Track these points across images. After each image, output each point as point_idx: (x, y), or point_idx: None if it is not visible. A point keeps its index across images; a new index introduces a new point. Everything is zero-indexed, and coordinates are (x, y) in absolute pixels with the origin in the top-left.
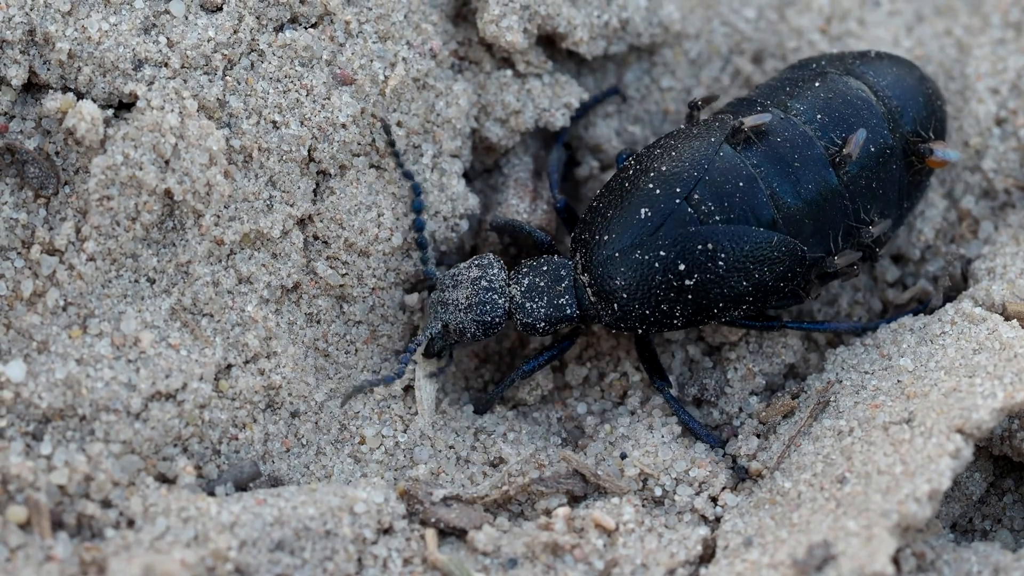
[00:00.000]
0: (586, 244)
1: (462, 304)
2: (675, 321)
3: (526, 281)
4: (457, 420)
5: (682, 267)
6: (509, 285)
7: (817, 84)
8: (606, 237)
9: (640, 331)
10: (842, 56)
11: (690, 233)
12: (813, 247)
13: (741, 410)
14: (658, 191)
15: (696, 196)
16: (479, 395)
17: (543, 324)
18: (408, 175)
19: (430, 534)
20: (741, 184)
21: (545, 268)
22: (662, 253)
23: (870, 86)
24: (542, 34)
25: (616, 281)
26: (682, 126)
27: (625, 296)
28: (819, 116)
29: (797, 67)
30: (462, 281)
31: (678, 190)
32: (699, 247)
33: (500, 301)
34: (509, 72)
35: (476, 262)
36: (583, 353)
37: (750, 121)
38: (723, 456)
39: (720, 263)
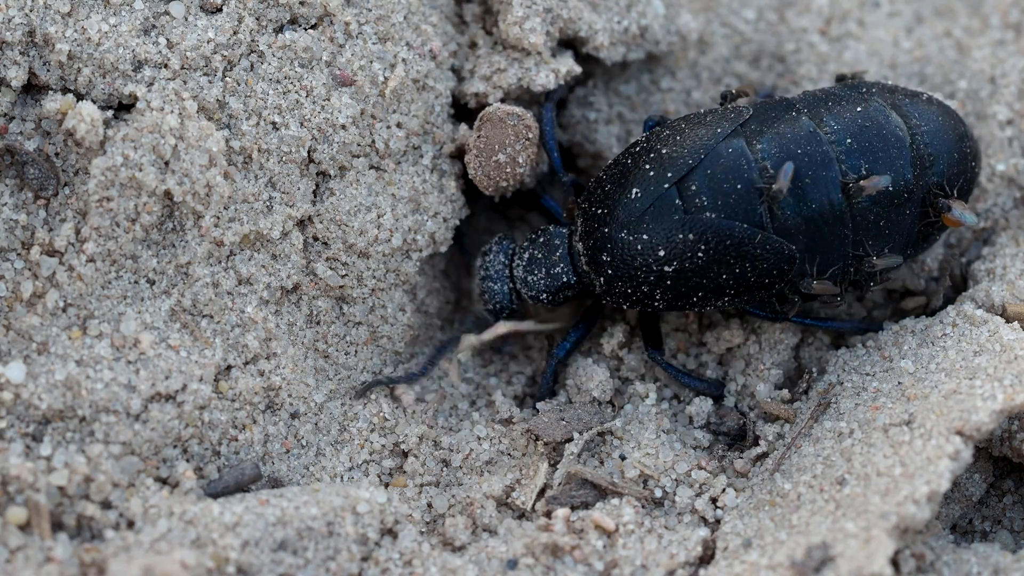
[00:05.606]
0: (585, 214)
1: (476, 295)
2: (656, 303)
3: (527, 255)
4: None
5: (662, 253)
6: (513, 265)
7: (859, 108)
8: (600, 211)
9: (625, 307)
10: (894, 89)
11: (674, 221)
12: (799, 263)
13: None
14: (652, 173)
15: (693, 186)
16: (535, 391)
17: (546, 295)
18: None
19: None
20: (739, 185)
21: (542, 240)
22: (645, 237)
23: (910, 127)
24: (563, 38)
25: (603, 256)
26: (702, 110)
27: (610, 272)
28: (849, 140)
29: (848, 86)
30: (473, 273)
31: (669, 175)
32: (680, 236)
33: (499, 287)
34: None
35: (482, 250)
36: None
37: (783, 180)
38: (729, 409)
39: (700, 254)
